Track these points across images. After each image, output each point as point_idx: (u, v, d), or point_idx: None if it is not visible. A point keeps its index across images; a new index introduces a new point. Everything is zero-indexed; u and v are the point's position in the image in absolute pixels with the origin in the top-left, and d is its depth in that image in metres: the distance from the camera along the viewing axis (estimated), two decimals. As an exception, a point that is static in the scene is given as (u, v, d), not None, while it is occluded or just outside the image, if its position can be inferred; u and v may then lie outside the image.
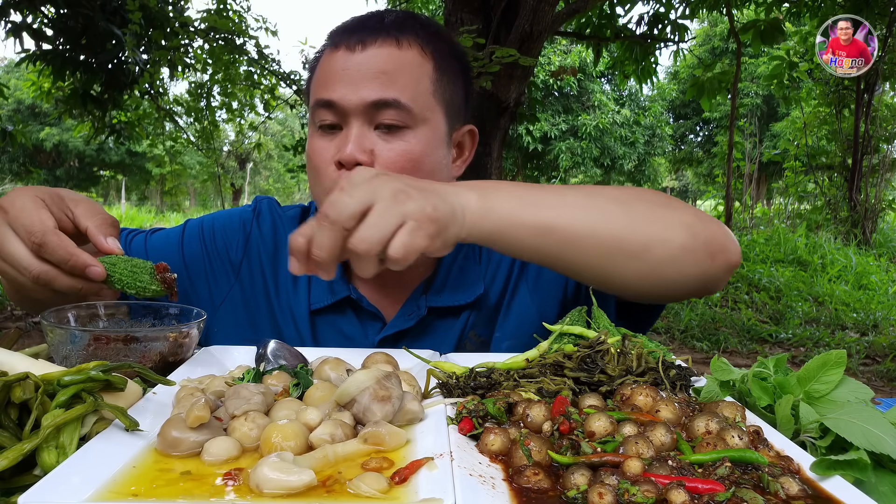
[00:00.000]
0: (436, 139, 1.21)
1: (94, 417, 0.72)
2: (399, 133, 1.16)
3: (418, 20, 1.26)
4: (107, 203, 31.04)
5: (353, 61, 1.17)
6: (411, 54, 1.19)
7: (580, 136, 21.63)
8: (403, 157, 1.15)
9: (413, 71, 1.18)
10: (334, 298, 1.28)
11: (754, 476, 0.66)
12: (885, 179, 12.21)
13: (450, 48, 1.27)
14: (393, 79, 1.16)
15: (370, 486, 0.62)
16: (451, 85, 1.24)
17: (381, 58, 1.17)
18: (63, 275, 0.98)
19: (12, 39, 6.09)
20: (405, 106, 1.15)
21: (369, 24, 1.21)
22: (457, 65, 1.27)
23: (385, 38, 1.18)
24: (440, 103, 1.21)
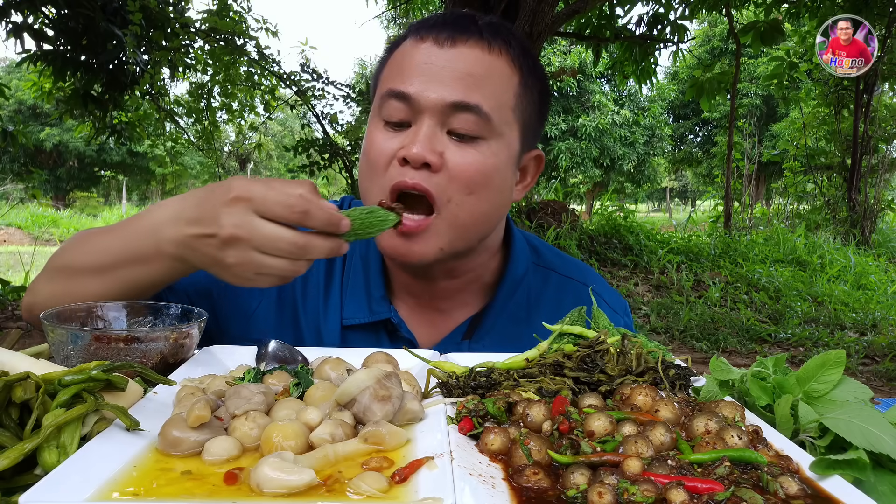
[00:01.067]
0: (508, 157, 1.13)
1: (94, 417, 0.72)
2: (472, 142, 1.08)
3: (511, 30, 1.18)
4: (108, 203, 31.04)
5: (440, 56, 1.09)
6: (501, 63, 1.12)
7: (580, 136, 21.64)
8: (475, 168, 1.07)
9: (500, 80, 1.11)
10: (373, 318, 1.22)
11: (754, 475, 0.66)
12: (884, 179, 12.22)
13: (536, 68, 1.19)
14: (479, 83, 1.08)
15: (370, 486, 0.62)
16: (531, 105, 1.17)
17: (470, 59, 1.09)
18: (320, 238, 0.93)
19: (13, 40, 6.09)
20: (485, 114, 1.07)
21: (462, 22, 1.13)
22: (539, 86, 1.19)
23: (478, 40, 1.10)
24: (518, 120, 1.14)
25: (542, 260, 1.35)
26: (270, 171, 35.56)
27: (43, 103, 8.03)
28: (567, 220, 8.47)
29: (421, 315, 1.27)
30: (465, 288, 1.27)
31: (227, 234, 0.90)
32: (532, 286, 1.30)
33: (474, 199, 1.09)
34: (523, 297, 1.29)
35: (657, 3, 8.16)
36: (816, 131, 12.89)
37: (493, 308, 1.26)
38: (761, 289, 7.56)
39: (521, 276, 1.29)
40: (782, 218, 13.17)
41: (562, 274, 1.33)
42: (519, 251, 1.31)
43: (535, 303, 1.29)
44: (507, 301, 1.27)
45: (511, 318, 1.27)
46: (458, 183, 1.07)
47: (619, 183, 24.18)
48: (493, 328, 1.26)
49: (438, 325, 1.28)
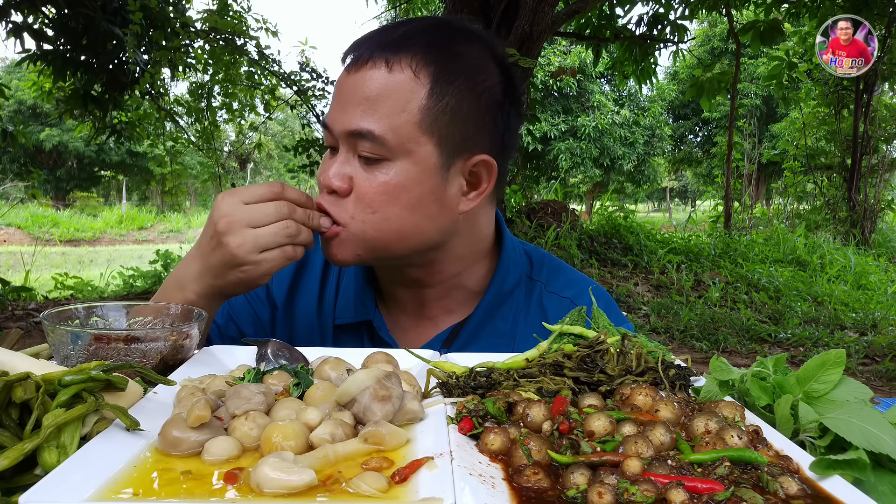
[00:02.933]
0: (420, 173, 1.11)
1: (94, 417, 0.72)
2: (378, 165, 1.10)
3: (428, 35, 1.14)
4: (108, 203, 31.05)
5: (346, 83, 1.13)
6: (401, 79, 1.09)
7: (580, 136, 21.64)
8: (379, 190, 1.10)
9: (399, 97, 1.09)
10: (357, 318, 1.28)
11: (753, 475, 0.66)
12: (884, 180, 12.22)
13: (464, 68, 1.13)
14: (375, 106, 1.09)
15: (370, 486, 0.62)
16: (451, 111, 1.11)
17: (367, 82, 1.10)
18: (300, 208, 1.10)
19: (13, 40, 6.09)
20: (379, 138, 1.08)
21: (371, 41, 1.13)
22: (472, 86, 1.13)
23: (377, 60, 1.10)
24: (429, 133, 1.10)
25: (535, 273, 1.33)
26: (270, 171, 35.57)
27: (43, 103, 8.04)
28: (567, 220, 8.47)
29: (407, 320, 1.31)
30: (448, 295, 1.28)
31: (221, 224, 1.05)
32: (520, 300, 1.30)
33: (379, 216, 1.12)
34: (510, 310, 1.28)
35: (657, 3, 8.17)
36: (816, 131, 12.89)
37: (475, 319, 1.26)
38: (761, 289, 7.56)
39: (510, 289, 1.28)
40: (782, 218, 13.18)
41: (548, 290, 1.31)
42: (510, 262, 1.29)
43: (522, 318, 1.29)
44: (492, 313, 1.27)
45: (495, 331, 1.26)
46: (361, 203, 1.12)
47: (619, 183, 24.18)
48: (475, 339, 1.26)
49: (423, 331, 1.29)
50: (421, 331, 1.30)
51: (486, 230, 1.27)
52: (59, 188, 30.29)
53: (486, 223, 1.26)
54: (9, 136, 6.35)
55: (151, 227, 25.15)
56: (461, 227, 1.19)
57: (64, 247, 20.14)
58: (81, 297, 6.98)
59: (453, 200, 1.15)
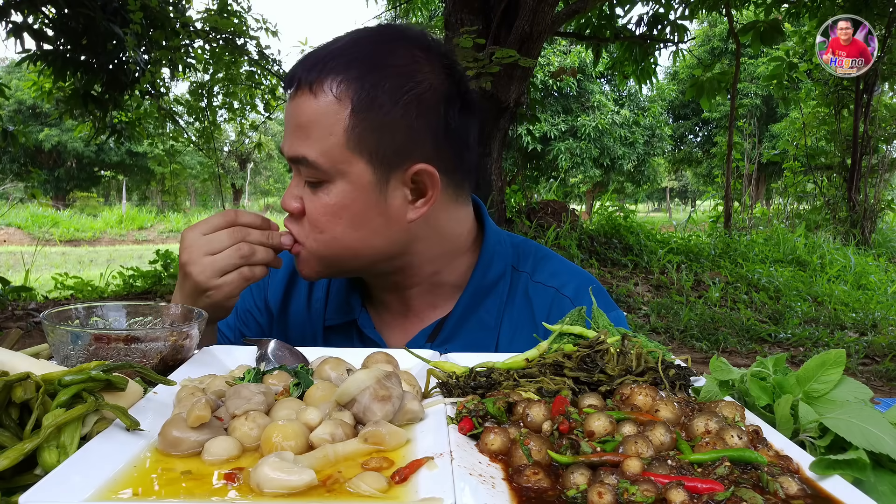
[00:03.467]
0: (357, 191, 1.13)
1: (94, 417, 0.72)
2: (320, 187, 1.14)
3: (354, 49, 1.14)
4: (108, 203, 31.06)
5: (287, 111, 1.18)
6: (325, 103, 1.11)
7: (579, 136, 21.63)
8: (323, 211, 1.15)
9: (325, 122, 1.11)
10: (344, 319, 1.33)
11: (753, 475, 0.66)
12: (884, 180, 12.23)
13: (391, 79, 1.11)
14: (306, 133, 1.12)
15: (370, 486, 0.63)
16: (379, 128, 1.10)
17: (299, 109, 1.13)
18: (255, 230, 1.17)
19: (13, 40, 6.09)
20: (313, 163, 1.12)
21: (302, 64, 1.15)
22: (402, 96, 1.11)
23: (302, 87, 1.13)
24: (358, 152, 1.11)
25: (521, 264, 1.33)
26: (270, 172, 35.59)
27: (43, 103, 8.03)
28: (567, 220, 8.47)
29: (393, 317, 1.33)
30: (431, 292, 1.29)
31: (184, 256, 1.14)
32: (505, 292, 1.30)
33: (326, 235, 1.16)
34: (494, 303, 1.28)
35: (657, 3, 8.17)
36: (816, 131, 12.89)
37: (458, 313, 1.27)
38: (761, 289, 7.56)
39: (493, 281, 1.29)
40: (782, 218, 13.18)
41: (533, 280, 1.31)
42: (492, 254, 1.29)
43: (507, 310, 1.29)
44: (475, 306, 1.27)
45: (479, 323, 1.27)
46: (310, 224, 1.17)
47: (619, 183, 24.18)
48: (458, 333, 1.26)
49: (409, 328, 1.31)
50: (406, 327, 1.31)
51: (457, 229, 1.26)
52: (58, 188, 30.29)
53: (456, 222, 1.25)
54: (9, 135, 6.35)
55: (151, 227, 25.15)
56: (421, 233, 1.20)
57: (64, 247, 20.14)
58: (81, 297, 6.97)
59: (399, 211, 1.16)
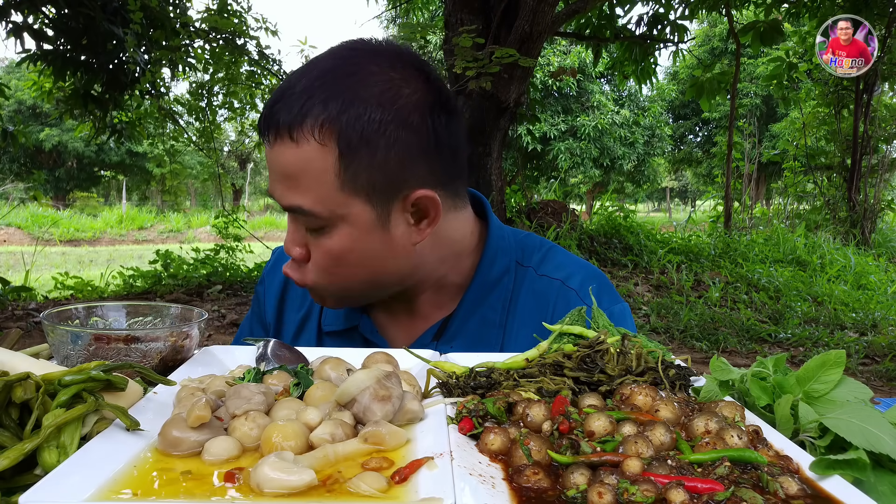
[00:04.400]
0: (360, 232, 1.10)
1: (94, 417, 0.72)
2: (321, 232, 1.11)
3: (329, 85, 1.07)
4: (108, 203, 31.06)
5: (269, 157, 1.12)
6: (308, 150, 1.05)
7: (579, 136, 21.63)
8: (327, 256, 1.13)
9: (313, 170, 1.06)
10: (345, 325, 1.32)
11: (753, 475, 0.66)
12: (884, 180, 12.23)
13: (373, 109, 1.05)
14: (295, 182, 1.08)
15: (370, 486, 0.63)
16: (370, 165, 1.06)
17: (281, 157, 1.08)
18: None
19: (13, 40, 6.09)
20: (309, 212, 1.08)
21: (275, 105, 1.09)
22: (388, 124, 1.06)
23: (281, 132, 1.07)
24: (355, 194, 1.07)
25: (526, 259, 1.32)
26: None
27: (43, 103, 8.03)
28: (567, 220, 8.47)
29: (396, 319, 1.31)
30: (438, 292, 1.28)
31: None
32: (509, 288, 1.29)
33: (336, 277, 1.15)
34: (498, 299, 1.27)
35: (657, 3, 8.17)
36: (816, 131, 12.89)
37: (462, 311, 1.26)
38: (761, 289, 7.56)
39: (496, 278, 1.28)
40: (782, 218, 13.18)
41: (538, 273, 1.30)
42: (495, 251, 1.29)
43: (513, 305, 1.28)
44: (478, 303, 1.26)
45: (483, 320, 1.26)
46: (316, 268, 1.15)
47: (619, 183, 24.18)
48: (463, 331, 1.26)
49: (412, 328, 1.30)
50: (411, 327, 1.30)
51: (460, 231, 1.25)
52: (58, 188, 30.30)
53: (458, 226, 1.24)
54: (9, 136, 6.36)
55: (151, 227, 25.15)
56: (427, 248, 1.19)
57: (64, 247, 20.14)
58: (81, 297, 6.97)
59: (403, 238, 1.14)
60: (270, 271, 1.45)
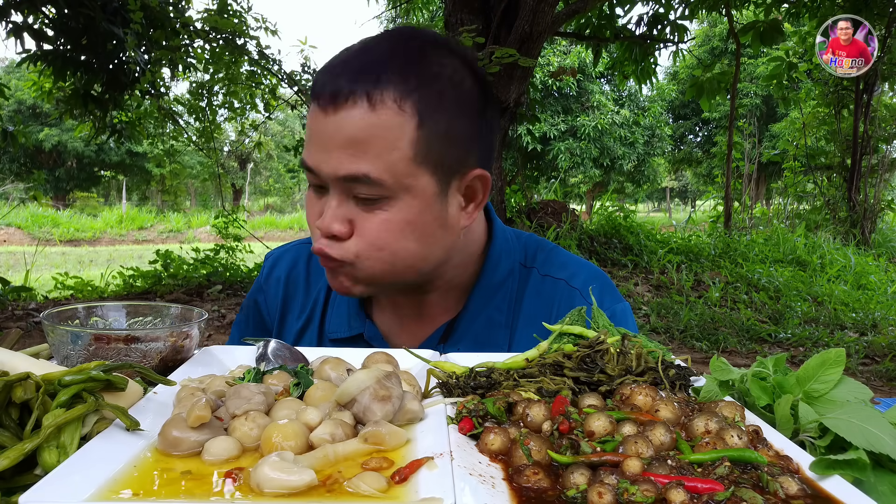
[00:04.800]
0: (422, 205, 1.09)
1: (94, 417, 0.72)
2: (378, 204, 1.07)
3: (406, 57, 1.08)
4: (108, 203, 31.07)
5: (326, 124, 1.06)
6: (386, 115, 1.03)
7: (579, 136, 21.63)
8: (384, 230, 1.08)
9: (388, 135, 1.04)
10: (350, 333, 1.30)
11: (753, 475, 0.66)
12: (884, 180, 12.22)
13: (450, 86, 1.09)
14: (364, 148, 1.03)
15: (370, 486, 0.63)
16: (443, 137, 1.08)
17: (350, 122, 1.03)
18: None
19: (13, 40, 6.09)
20: (376, 181, 1.04)
21: (343, 74, 1.06)
22: (461, 105, 1.10)
23: (357, 97, 1.03)
24: (424, 165, 1.07)
25: (529, 260, 1.33)
26: (270, 172, 35.60)
27: (43, 103, 8.03)
28: (567, 220, 8.47)
29: (401, 323, 1.31)
30: (445, 294, 1.28)
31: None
32: (515, 288, 1.29)
33: (387, 253, 1.10)
34: (504, 300, 1.28)
35: (657, 3, 8.17)
36: (816, 131, 12.89)
37: (468, 313, 1.26)
38: (761, 289, 7.56)
39: (501, 280, 1.28)
40: (782, 218, 13.18)
41: (541, 273, 1.30)
42: (500, 253, 1.29)
43: (517, 305, 1.28)
44: (484, 305, 1.27)
45: (489, 322, 1.26)
46: (365, 244, 1.09)
47: (619, 183, 24.18)
48: (468, 333, 1.26)
49: (418, 332, 1.30)
50: (416, 330, 1.30)
51: (476, 232, 1.27)
52: (58, 188, 30.30)
53: (475, 227, 1.26)
54: (9, 135, 6.35)
55: (151, 227, 25.15)
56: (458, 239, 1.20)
57: (64, 247, 20.14)
58: (81, 297, 6.97)
59: (454, 219, 1.15)
60: (268, 279, 1.41)
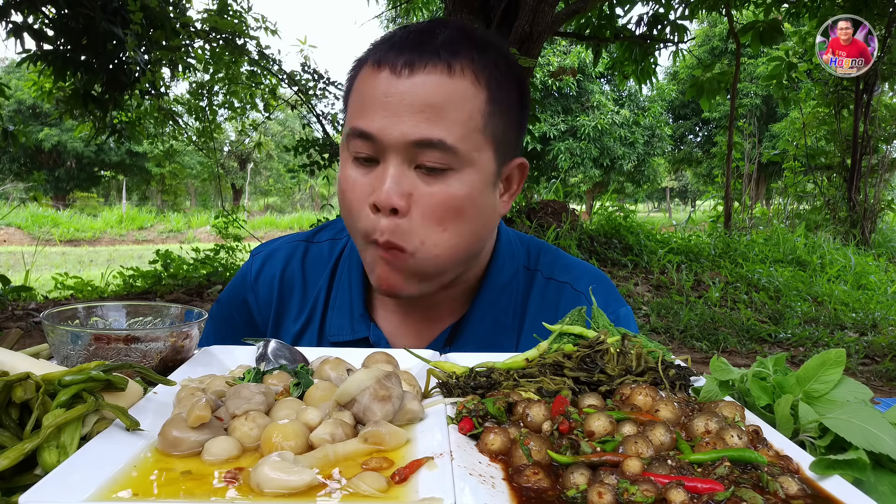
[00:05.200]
0: (482, 181, 1.08)
1: (94, 417, 0.72)
2: (441, 176, 1.04)
3: (475, 38, 1.09)
4: (108, 203, 31.06)
5: (398, 87, 1.03)
6: (463, 84, 1.04)
7: (579, 136, 21.64)
8: (445, 204, 1.04)
9: (464, 104, 1.04)
10: (353, 336, 1.25)
11: (753, 475, 0.66)
12: (884, 179, 12.22)
13: (508, 73, 1.11)
14: (440, 114, 1.02)
15: (370, 486, 0.62)
16: (504, 117, 1.10)
17: (429, 87, 1.02)
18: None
19: (13, 40, 6.09)
20: (451, 147, 1.02)
21: (419, 43, 1.05)
22: (515, 92, 1.12)
23: (436, 63, 1.03)
24: (490, 140, 1.07)
25: (532, 262, 1.33)
26: (270, 172, 35.59)
27: (43, 103, 8.03)
28: (567, 220, 8.47)
29: (405, 325, 1.28)
30: (454, 295, 1.27)
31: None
32: (520, 291, 1.29)
33: (448, 234, 1.07)
34: (509, 302, 1.27)
35: (657, 3, 8.17)
36: (816, 131, 12.89)
37: (474, 315, 1.25)
38: (761, 289, 7.56)
39: (506, 282, 1.28)
40: (782, 218, 13.18)
41: (546, 276, 1.30)
42: (505, 256, 1.29)
43: (522, 308, 1.28)
44: (490, 307, 1.26)
45: (495, 323, 1.26)
46: (429, 221, 1.05)
47: (619, 183, 24.18)
48: (475, 335, 1.25)
49: (423, 334, 1.28)
50: (422, 334, 1.28)
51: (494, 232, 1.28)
52: (58, 188, 30.31)
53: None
54: (9, 135, 6.35)
55: (151, 227, 25.16)
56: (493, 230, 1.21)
57: (64, 247, 20.14)
58: (81, 297, 6.97)
59: (497, 206, 1.15)
60: (258, 278, 1.34)
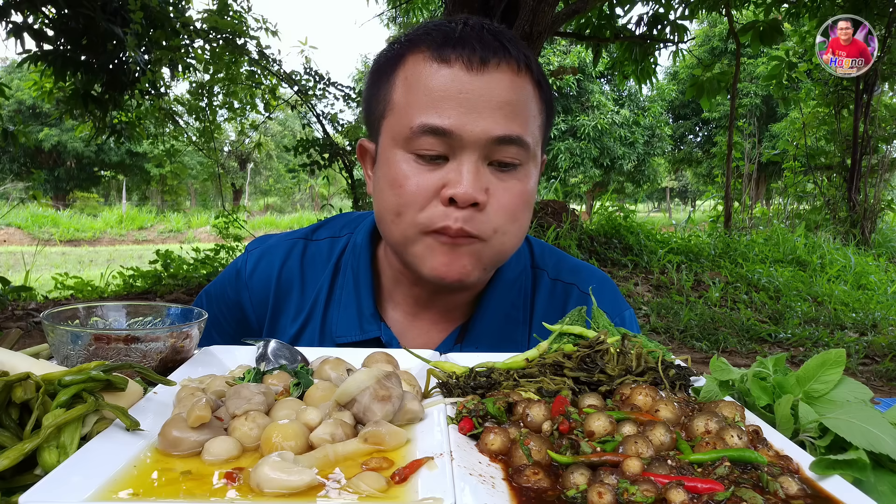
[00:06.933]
0: (537, 177, 1.15)
1: (94, 417, 0.72)
2: (514, 171, 1.08)
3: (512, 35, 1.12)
4: (108, 203, 31.06)
5: (474, 84, 1.03)
6: (529, 83, 1.09)
7: (579, 136, 21.65)
8: (519, 197, 1.08)
9: (530, 102, 1.09)
10: (363, 336, 1.22)
11: (753, 475, 0.66)
12: (884, 179, 12.22)
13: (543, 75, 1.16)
14: (516, 111, 1.05)
15: (370, 486, 0.62)
16: (548, 116, 1.17)
17: (504, 84, 1.04)
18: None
19: (13, 40, 6.09)
20: (526, 143, 1.06)
21: (482, 39, 1.06)
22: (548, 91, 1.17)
23: (508, 62, 1.05)
24: (542, 136, 1.15)
25: (538, 261, 1.34)
26: (270, 172, 35.59)
27: (43, 103, 8.03)
28: (567, 220, 8.47)
29: (415, 323, 1.28)
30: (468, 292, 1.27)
31: None
32: (528, 287, 1.30)
33: (518, 225, 1.12)
34: (518, 297, 1.28)
35: (657, 3, 8.17)
36: (816, 131, 12.89)
37: (486, 311, 1.26)
38: (761, 289, 7.56)
39: (513, 279, 1.28)
40: (782, 218, 13.18)
41: (552, 277, 1.32)
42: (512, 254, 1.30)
43: (531, 304, 1.30)
44: (499, 303, 1.26)
45: (506, 318, 1.26)
46: (503, 215, 1.08)
47: (619, 183, 24.19)
48: (486, 331, 1.25)
49: (432, 332, 1.28)
50: (431, 332, 1.28)
51: None
52: (58, 188, 30.31)
53: None
54: (9, 135, 6.35)
55: (151, 227, 25.16)
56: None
57: (64, 247, 20.14)
58: (81, 297, 6.97)
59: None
60: (253, 276, 1.31)
